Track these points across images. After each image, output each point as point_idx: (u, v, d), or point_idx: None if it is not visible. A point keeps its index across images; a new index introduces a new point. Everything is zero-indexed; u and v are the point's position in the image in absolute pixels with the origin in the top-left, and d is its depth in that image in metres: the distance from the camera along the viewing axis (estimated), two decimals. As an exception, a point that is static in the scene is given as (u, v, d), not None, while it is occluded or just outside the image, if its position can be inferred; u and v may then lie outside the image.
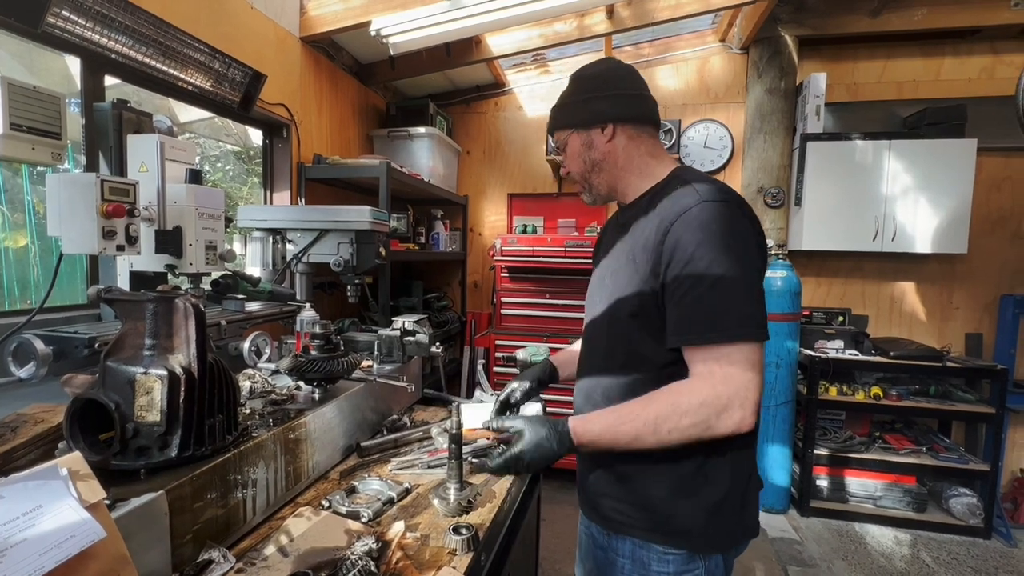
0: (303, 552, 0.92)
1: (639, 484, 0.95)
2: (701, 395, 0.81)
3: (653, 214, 0.92)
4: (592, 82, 1.01)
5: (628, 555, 0.97)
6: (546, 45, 3.05)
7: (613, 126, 0.98)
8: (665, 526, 0.93)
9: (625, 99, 0.99)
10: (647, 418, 0.83)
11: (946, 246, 3.04)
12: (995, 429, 2.89)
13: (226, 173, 3.17)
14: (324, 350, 1.37)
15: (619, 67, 1.02)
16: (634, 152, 1.00)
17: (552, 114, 1.06)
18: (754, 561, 2.63)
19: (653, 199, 0.96)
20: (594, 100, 0.99)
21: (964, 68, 3.25)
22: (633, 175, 1.01)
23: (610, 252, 1.04)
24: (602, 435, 0.89)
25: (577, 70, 1.05)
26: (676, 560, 0.93)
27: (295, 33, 2.46)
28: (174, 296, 0.91)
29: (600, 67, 1.03)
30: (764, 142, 3.27)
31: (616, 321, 0.97)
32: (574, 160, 1.03)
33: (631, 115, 0.99)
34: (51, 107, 1.31)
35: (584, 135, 1.00)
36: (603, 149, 1.00)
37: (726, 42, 3.48)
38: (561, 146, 1.05)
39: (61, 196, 1.12)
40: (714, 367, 0.81)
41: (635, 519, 0.96)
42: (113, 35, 1.55)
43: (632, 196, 1.03)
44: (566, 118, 1.02)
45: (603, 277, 1.04)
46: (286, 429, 1.13)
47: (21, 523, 0.54)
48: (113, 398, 0.85)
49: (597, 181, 1.03)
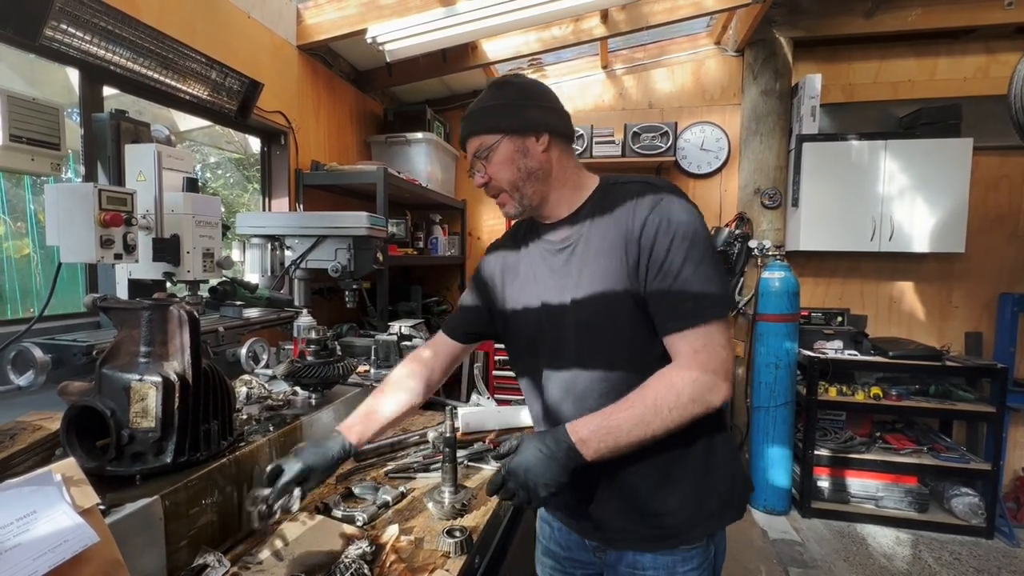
0: (298, 556, 0.93)
1: (655, 499, 0.93)
2: (693, 373, 0.84)
3: (613, 216, 0.92)
4: (523, 90, 0.97)
5: (650, 565, 0.95)
6: (542, 50, 3.07)
7: (548, 136, 0.95)
8: (684, 526, 0.93)
9: (555, 112, 0.98)
10: (647, 402, 0.83)
11: (944, 245, 3.04)
12: (996, 428, 2.88)
13: (227, 180, 3.20)
14: (320, 356, 1.38)
15: (540, 82, 1.01)
16: (567, 163, 0.99)
17: (476, 117, 0.97)
18: (756, 562, 2.63)
19: (603, 205, 0.95)
20: (528, 107, 0.95)
21: (959, 68, 3.26)
22: (568, 187, 0.99)
23: (561, 267, 0.97)
24: (602, 426, 0.83)
25: (497, 79, 1.01)
26: (697, 551, 0.94)
27: (292, 41, 2.49)
28: (168, 304, 0.93)
29: (523, 79, 1.00)
30: (760, 143, 3.28)
31: (607, 326, 0.91)
32: (504, 167, 0.95)
33: (562, 128, 0.98)
34: (50, 118, 1.33)
35: (518, 141, 0.94)
36: (539, 158, 0.95)
37: (721, 45, 3.50)
38: (482, 153, 0.96)
39: (60, 206, 1.14)
40: (699, 347, 0.85)
41: (653, 529, 0.94)
42: (111, 47, 1.57)
43: (565, 208, 0.99)
44: (495, 122, 0.95)
45: (560, 290, 0.96)
46: (282, 434, 1.14)
47: (15, 528, 0.56)
48: (109, 405, 0.87)
49: (531, 191, 0.96)
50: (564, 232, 0.98)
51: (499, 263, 1.09)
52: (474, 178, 1.00)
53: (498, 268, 1.09)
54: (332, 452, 0.97)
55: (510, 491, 0.82)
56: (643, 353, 0.90)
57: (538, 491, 0.81)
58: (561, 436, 0.83)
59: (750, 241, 3.27)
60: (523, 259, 1.05)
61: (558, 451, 0.82)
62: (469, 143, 0.99)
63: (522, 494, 0.82)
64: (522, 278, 1.04)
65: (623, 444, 0.83)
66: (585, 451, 0.82)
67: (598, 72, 3.69)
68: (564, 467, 0.82)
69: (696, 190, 3.61)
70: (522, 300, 1.03)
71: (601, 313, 0.90)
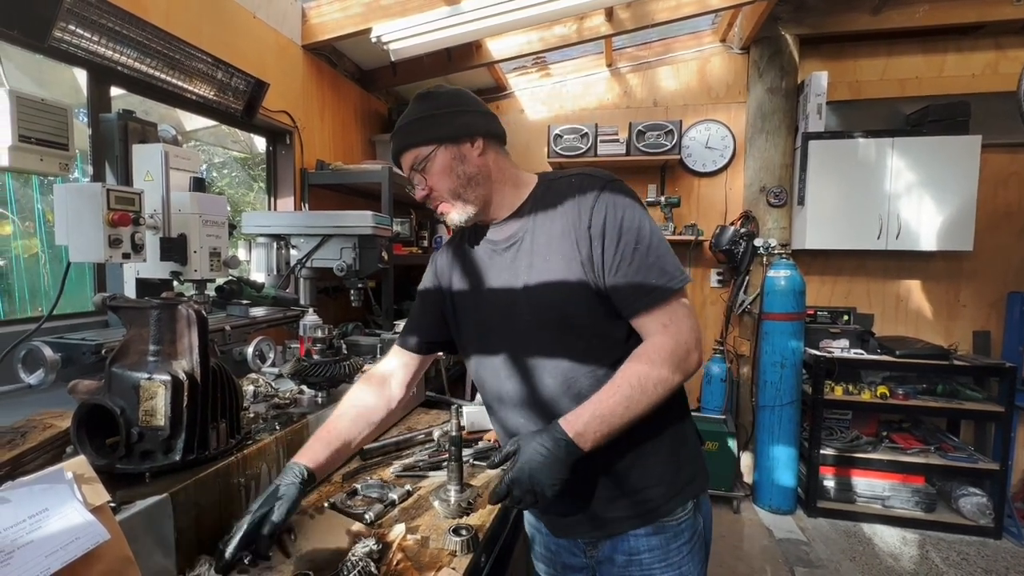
0: (305, 552, 0.94)
1: (635, 475, 0.94)
2: (668, 346, 0.87)
3: (558, 210, 0.93)
4: (451, 98, 0.97)
5: (645, 548, 0.96)
6: (546, 48, 3.06)
7: (483, 140, 0.96)
8: (665, 497, 0.95)
9: (485, 115, 0.98)
10: (632, 382, 0.85)
11: (952, 243, 3.02)
12: (1004, 428, 2.86)
13: (233, 179, 3.22)
14: (327, 354, 1.39)
15: (464, 90, 1.01)
16: (504, 164, 1.00)
17: (407, 130, 0.96)
18: (762, 562, 2.62)
19: (545, 200, 0.96)
20: (459, 114, 0.95)
21: (967, 64, 3.23)
22: (508, 186, 0.99)
23: (509, 264, 0.97)
24: (595, 416, 0.83)
25: (421, 92, 0.99)
26: (686, 525, 0.97)
27: (297, 41, 2.49)
28: (177, 303, 0.93)
29: (446, 88, 1.00)
30: (766, 141, 3.26)
31: (563, 318, 0.92)
32: (443, 176, 0.94)
33: (495, 131, 0.99)
34: (59, 119, 1.34)
35: (454, 149, 0.94)
36: (476, 162, 0.95)
37: (726, 42, 3.48)
38: (419, 165, 0.95)
39: (68, 205, 1.15)
40: (667, 321, 0.88)
41: (638, 505, 0.95)
42: (118, 48, 1.58)
43: (507, 208, 0.99)
44: (429, 132, 0.94)
45: (510, 287, 0.96)
46: (290, 432, 1.15)
47: (28, 525, 0.56)
48: (118, 403, 0.87)
49: (473, 196, 0.96)
50: (508, 230, 0.99)
51: (445, 268, 1.09)
52: (414, 192, 1.01)
53: (445, 274, 1.09)
54: (282, 484, 0.88)
55: (517, 498, 0.82)
56: (602, 338, 0.92)
57: (545, 492, 0.81)
58: (558, 434, 0.83)
59: (755, 240, 3.26)
60: (468, 261, 1.05)
61: (558, 450, 0.82)
62: (404, 157, 0.98)
63: (529, 498, 0.82)
64: (470, 279, 1.03)
65: (616, 428, 0.85)
66: (583, 444, 0.83)
67: (603, 70, 3.68)
68: (566, 464, 0.83)
69: (701, 188, 3.60)
70: (471, 301, 1.03)
71: (556, 305, 0.92)
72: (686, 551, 0.96)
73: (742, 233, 3.28)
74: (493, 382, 1.01)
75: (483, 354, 1.02)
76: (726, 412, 3.33)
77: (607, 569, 1.00)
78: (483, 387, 1.05)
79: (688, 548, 0.97)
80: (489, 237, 1.02)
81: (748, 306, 3.35)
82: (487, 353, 1.01)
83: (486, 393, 1.05)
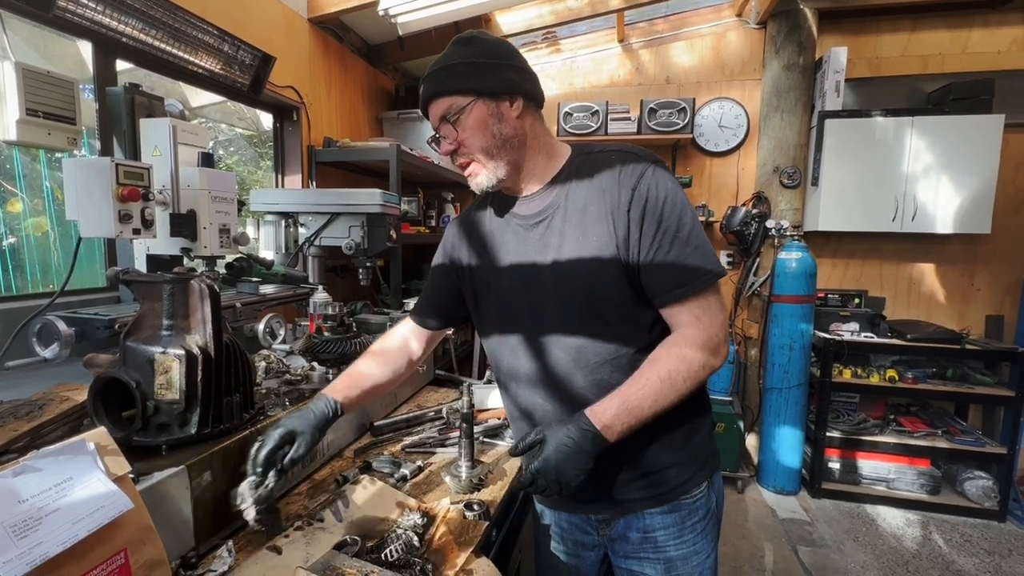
0: (356, 519, 0.96)
1: (653, 458, 0.94)
2: (698, 340, 0.85)
3: (595, 186, 0.88)
4: (494, 48, 0.88)
5: (660, 525, 0.97)
6: (557, 23, 2.99)
7: (523, 101, 0.88)
8: (681, 478, 0.95)
9: (528, 75, 0.91)
10: (662, 375, 0.83)
11: (969, 226, 2.96)
12: (1014, 412, 2.85)
13: (240, 157, 3.19)
14: (337, 332, 1.39)
15: (508, 42, 0.93)
16: (540, 131, 0.93)
17: (443, 75, 0.86)
18: (764, 541, 2.65)
19: (580, 174, 0.90)
20: (502, 68, 0.86)
21: (993, 40, 3.11)
22: (541, 155, 0.92)
23: (538, 241, 0.92)
24: (623, 408, 0.82)
25: (462, 35, 0.89)
26: (701, 502, 0.97)
27: (303, 14, 2.44)
28: (190, 277, 0.93)
29: (491, 37, 0.90)
30: (781, 120, 3.19)
31: (593, 298, 0.88)
32: (476, 132, 0.86)
33: (536, 93, 0.91)
34: (65, 92, 1.32)
35: (492, 105, 0.86)
36: (513, 124, 0.88)
37: (743, 17, 3.38)
38: (451, 116, 0.87)
39: (78, 180, 1.14)
40: (699, 313, 0.86)
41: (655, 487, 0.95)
42: (124, 18, 1.55)
43: (537, 179, 0.93)
44: (469, 81, 0.85)
45: (539, 264, 0.91)
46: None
47: (54, 493, 0.57)
48: (134, 377, 0.88)
49: (506, 159, 0.89)
50: (539, 204, 0.93)
51: (464, 242, 1.04)
52: (439, 144, 0.93)
53: (462, 248, 1.04)
54: (315, 411, 0.94)
55: (541, 487, 0.81)
56: (628, 323, 0.89)
57: (570, 483, 0.81)
58: (585, 425, 0.82)
59: (767, 221, 3.21)
60: (491, 235, 0.99)
61: (584, 441, 0.81)
62: (435, 104, 0.89)
63: (554, 488, 0.81)
64: (494, 255, 0.98)
65: (642, 421, 0.84)
66: (609, 436, 0.82)
67: (614, 46, 3.59)
68: (591, 455, 0.82)
69: (713, 168, 3.54)
70: (494, 276, 0.98)
71: (585, 286, 0.88)
72: (700, 528, 0.97)
73: (754, 214, 3.23)
74: (511, 359, 0.99)
75: (503, 331, 0.99)
76: (733, 394, 3.33)
77: (621, 546, 1.00)
78: (498, 364, 1.04)
79: (702, 526, 0.97)
80: (516, 211, 0.96)
81: (758, 288, 3.32)
82: (507, 331, 0.98)
83: (501, 370, 1.04)
